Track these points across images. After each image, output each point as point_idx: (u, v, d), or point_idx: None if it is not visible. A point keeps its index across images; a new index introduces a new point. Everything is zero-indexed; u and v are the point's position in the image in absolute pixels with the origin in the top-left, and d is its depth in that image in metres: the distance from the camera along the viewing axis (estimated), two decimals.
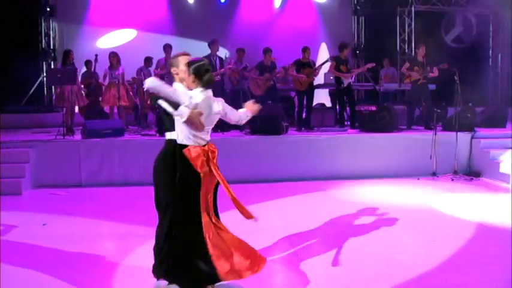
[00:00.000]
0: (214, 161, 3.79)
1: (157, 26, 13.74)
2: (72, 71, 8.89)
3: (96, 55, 10.61)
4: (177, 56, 4.00)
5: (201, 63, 3.77)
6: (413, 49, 14.99)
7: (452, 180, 8.54)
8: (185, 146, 3.70)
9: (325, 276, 4.29)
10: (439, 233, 5.48)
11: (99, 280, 4.22)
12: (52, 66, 13.48)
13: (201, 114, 3.61)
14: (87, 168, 8.12)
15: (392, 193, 7.63)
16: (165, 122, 3.89)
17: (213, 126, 3.87)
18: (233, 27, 13.84)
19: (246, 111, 4.08)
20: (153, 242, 4.01)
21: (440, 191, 7.79)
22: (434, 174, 8.73)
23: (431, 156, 8.69)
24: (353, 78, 14.03)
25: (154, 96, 3.75)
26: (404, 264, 4.54)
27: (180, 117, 3.56)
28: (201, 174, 3.70)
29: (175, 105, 3.58)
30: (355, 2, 15.09)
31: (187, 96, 3.64)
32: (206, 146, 3.76)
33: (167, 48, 10.12)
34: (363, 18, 15.17)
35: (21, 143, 8.22)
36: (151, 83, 3.63)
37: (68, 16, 13.73)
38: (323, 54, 14.20)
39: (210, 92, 3.77)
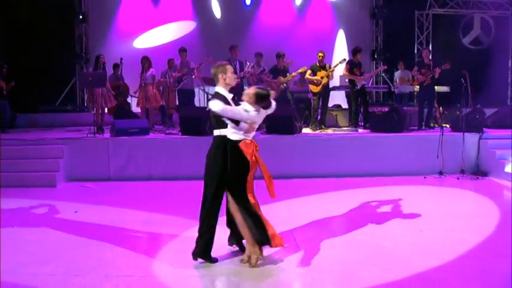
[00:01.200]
0: (257, 153, 4.62)
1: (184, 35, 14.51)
2: (102, 75, 9.65)
3: (121, 58, 11.37)
4: (225, 65, 4.80)
5: (264, 92, 4.66)
6: (431, 52, 15.39)
7: (458, 179, 8.92)
8: (237, 141, 4.50)
9: (316, 256, 4.85)
10: (428, 225, 5.97)
11: (125, 258, 4.86)
12: (84, 69, 14.33)
13: (254, 122, 4.51)
14: (115, 163, 8.84)
15: (397, 190, 8.05)
16: (213, 122, 4.63)
17: None
18: (254, 31, 14.43)
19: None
20: (171, 228, 4.63)
21: (443, 188, 8.26)
22: (441, 173, 9.14)
23: (438, 156, 9.12)
24: (371, 80, 14.59)
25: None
26: (389, 250, 5.07)
27: (245, 121, 4.44)
28: (250, 163, 4.50)
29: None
30: (373, 5, 15.48)
31: (247, 111, 4.47)
32: (252, 141, 4.57)
33: (182, 51, 10.79)
34: (381, 21, 15.54)
35: (56, 140, 9.01)
36: (217, 107, 4.41)
37: (98, 22, 14.57)
38: (341, 56, 14.67)
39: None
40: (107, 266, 4.61)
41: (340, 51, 15.00)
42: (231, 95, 4.73)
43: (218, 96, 4.58)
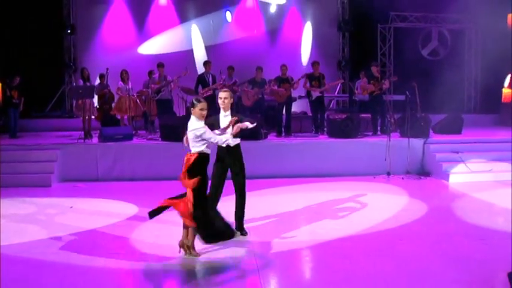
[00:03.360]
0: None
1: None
2: (90, 88, 10.85)
3: (107, 69, 12.55)
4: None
5: None
6: (392, 62, 16.83)
7: (403, 178, 10.28)
8: None
9: (262, 234, 6.14)
10: (361, 215, 7.32)
11: (116, 242, 6.08)
12: (72, 78, 15.51)
13: None
14: (103, 166, 10.04)
15: (348, 187, 9.42)
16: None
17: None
18: (228, 45, 15.76)
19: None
20: (149, 222, 5.90)
21: (386, 186, 9.63)
22: (388, 173, 10.48)
23: (386, 159, 10.47)
24: (337, 89, 15.97)
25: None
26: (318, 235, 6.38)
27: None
28: None
29: None
30: (340, 19, 16.84)
31: None
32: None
33: (160, 66, 12.03)
34: (348, 34, 16.90)
35: (50, 145, 10.21)
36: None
37: (85, 34, 15.72)
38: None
39: None
40: (99, 247, 5.86)
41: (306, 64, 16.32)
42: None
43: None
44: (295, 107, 13.41)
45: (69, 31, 15.41)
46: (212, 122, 5.90)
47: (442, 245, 5.98)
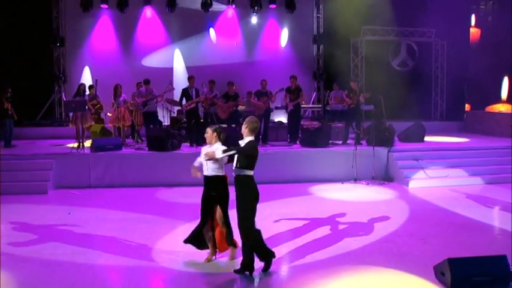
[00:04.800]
0: None
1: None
2: (83, 102, 11.76)
3: (96, 80, 13.47)
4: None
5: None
6: (364, 73, 17.95)
7: (368, 184, 11.38)
8: None
9: None
10: (321, 213, 8.39)
11: (110, 244, 7.04)
12: (62, 87, 16.40)
13: None
14: (95, 174, 10.94)
15: (318, 190, 10.56)
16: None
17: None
18: (211, 60, 16.81)
19: None
20: (138, 224, 6.84)
21: (351, 190, 10.71)
22: (355, 179, 11.57)
23: (352, 166, 11.55)
24: (312, 99, 17.04)
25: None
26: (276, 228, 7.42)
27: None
28: None
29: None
30: (315, 32, 17.92)
31: None
32: None
33: (146, 83, 12.97)
34: (322, 46, 18.00)
35: (45, 155, 11.07)
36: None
37: (74, 46, 16.62)
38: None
39: None
40: (94, 248, 6.82)
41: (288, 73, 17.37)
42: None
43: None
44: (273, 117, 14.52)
45: (58, 43, 16.25)
46: None
47: (389, 244, 7.05)
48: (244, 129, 5.86)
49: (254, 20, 17.33)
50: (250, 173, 5.77)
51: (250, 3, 17.10)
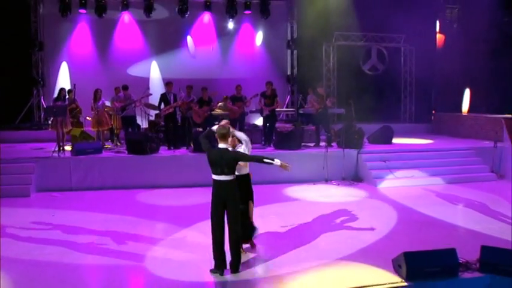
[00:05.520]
0: None
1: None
2: (63, 107, 12.10)
3: (74, 84, 13.81)
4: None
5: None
6: (336, 77, 18.61)
7: (338, 184, 11.99)
8: None
9: None
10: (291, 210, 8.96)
11: (95, 245, 7.47)
12: (41, 91, 16.68)
13: None
14: (76, 177, 11.30)
15: (291, 191, 11.14)
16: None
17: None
18: (188, 67, 17.28)
19: None
20: (120, 225, 7.27)
21: (322, 190, 11.31)
22: (326, 180, 12.18)
23: (324, 167, 12.15)
24: (286, 102, 17.61)
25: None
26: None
27: None
28: None
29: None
30: (289, 38, 18.52)
31: None
32: None
33: (125, 88, 13.44)
34: (296, 51, 18.60)
35: (28, 159, 11.40)
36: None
37: (53, 50, 16.90)
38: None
39: None
40: (80, 248, 7.25)
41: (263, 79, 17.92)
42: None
43: None
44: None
45: (37, 48, 16.53)
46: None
47: (354, 240, 7.65)
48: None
49: (230, 25, 17.84)
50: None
51: (225, 9, 17.60)
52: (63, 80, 16.62)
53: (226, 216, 6.23)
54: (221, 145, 6.20)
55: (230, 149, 6.33)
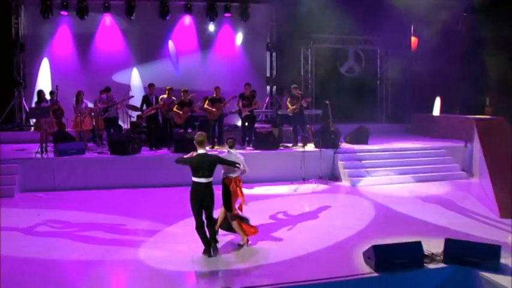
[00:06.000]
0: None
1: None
2: (46, 108, 12.31)
3: (57, 86, 14.01)
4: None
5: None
6: (314, 79, 19.06)
7: (315, 183, 12.42)
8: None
9: None
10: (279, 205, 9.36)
11: (80, 242, 7.76)
12: (22, 93, 16.82)
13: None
14: (59, 177, 11.53)
15: (269, 189, 11.57)
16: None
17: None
18: (170, 69, 17.61)
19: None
20: (104, 223, 7.61)
21: (299, 189, 11.72)
22: (303, 179, 12.59)
23: (301, 167, 12.57)
24: (265, 105, 17.99)
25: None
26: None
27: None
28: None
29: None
30: (268, 40, 18.92)
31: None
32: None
33: (107, 91, 13.74)
34: (275, 53, 19.02)
35: (11, 160, 11.58)
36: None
37: (34, 51, 17.02)
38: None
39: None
40: (66, 245, 7.55)
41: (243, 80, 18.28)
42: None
43: None
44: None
45: (18, 49, 16.65)
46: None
47: (329, 235, 8.07)
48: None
49: (211, 28, 18.16)
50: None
51: (206, 12, 17.91)
52: (44, 81, 16.73)
53: (204, 211, 6.99)
54: (200, 151, 6.95)
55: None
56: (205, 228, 7.03)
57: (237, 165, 7.34)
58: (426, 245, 6.86)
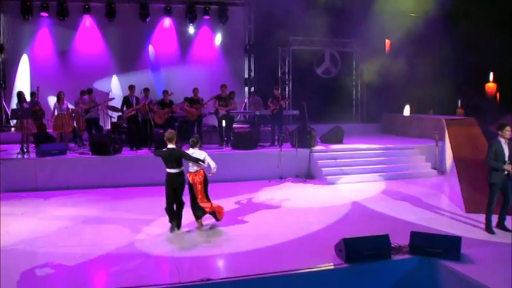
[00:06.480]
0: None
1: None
2: (28, 109, 12.52)
3: (38, 87, 14.19)
4: None
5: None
6: (291, 80, 19.51)
7: (291, 181, 12.85)
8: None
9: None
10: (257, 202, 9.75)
11: (65, 237, 8.05)
12: (2, 94, 16.91)
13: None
14: (41, 177, 11.73)
15: (247, 188, 11.91)
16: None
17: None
18: (148, 70, 17.90)
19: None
20: (88, 220, 7.93)
21: (276, 187, 12.14)
22: (280, 177, 13.02)
23: (278, 166, 12.98)
24: (242, 106, 18.38)
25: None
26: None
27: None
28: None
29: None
30: (247, 42, 19.31)
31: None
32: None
33: (89, 92, 14.08)
34: (253, 55, 19.41)
35: None
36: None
37: (15, 53, 17.13)
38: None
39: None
40: (51, 241, 7.83)
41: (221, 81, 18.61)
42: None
43: None
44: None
45: None
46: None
47: (303, 229, 8.50)
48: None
49: (191, 30, 18.46)
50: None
51: (185, 14, 18.22)
52: (23, 82, 16.84)
53: (175, 196, 8.29)
54: (169, 146, 8.22)
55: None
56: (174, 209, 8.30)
57: (200, 162, 8.25)
58: (394, 239, 7.32)
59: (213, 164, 8.30)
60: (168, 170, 8.18)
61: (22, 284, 6.29)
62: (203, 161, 8.29)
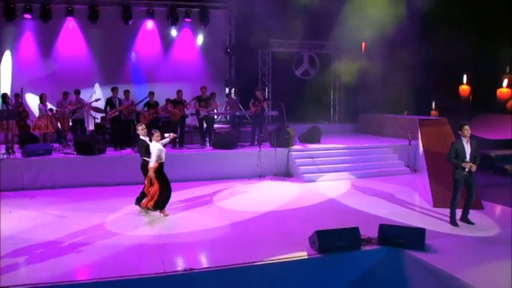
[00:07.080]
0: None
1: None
2: (13, 111, 12.83)
3: (22, 88, 14.45)
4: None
5: None
6: (270, 81, 20.01)
7: (271, 179, 13.35)
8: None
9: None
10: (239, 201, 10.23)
11: (53, 231, 8.43)
12: None
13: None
14: (27, 177, 12.03)
15: (228, 186, 12.37)
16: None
17: None
18: (131, 72, 18.29)
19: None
20: (70, 217, 8.38)
21: (256, 185, 12.63)
22: (260, 176, 13.51)
23: (257, 165, 13.47)
24: (223, 107, 18.80)
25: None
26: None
27: None
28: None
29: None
30: (227, 44, 19.77)
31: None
32: None
33: (77, 93, 14.41)
34: (234, 57, 19.88)
35: None
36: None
37: None
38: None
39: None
40: (40, 233, 8.21)
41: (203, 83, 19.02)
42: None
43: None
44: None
45: None
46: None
47: (280, 224, 9.02)
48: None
49: (174, 32, 18.86)
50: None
51: (167, 16, 18.60)
52: (5, 83, 17.00)
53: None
54: (141, 137, 9.66)
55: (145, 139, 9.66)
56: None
57: (145, 158, 9.43)
58: (365, 231, 7.87)
59: (154, 159, 9.14)
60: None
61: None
62: (147, 157, 9.33)
